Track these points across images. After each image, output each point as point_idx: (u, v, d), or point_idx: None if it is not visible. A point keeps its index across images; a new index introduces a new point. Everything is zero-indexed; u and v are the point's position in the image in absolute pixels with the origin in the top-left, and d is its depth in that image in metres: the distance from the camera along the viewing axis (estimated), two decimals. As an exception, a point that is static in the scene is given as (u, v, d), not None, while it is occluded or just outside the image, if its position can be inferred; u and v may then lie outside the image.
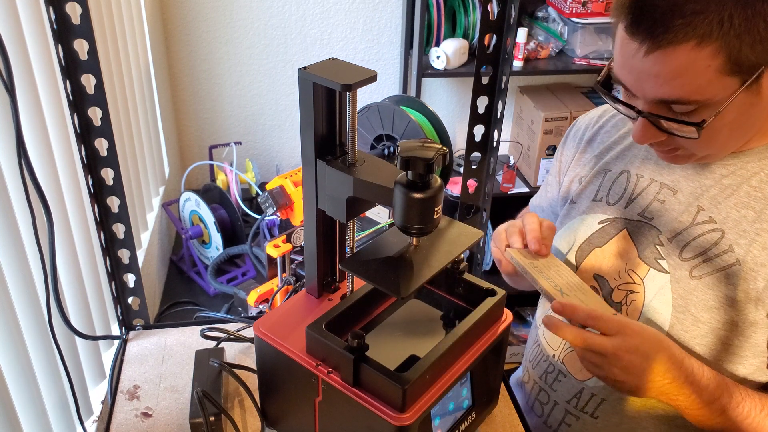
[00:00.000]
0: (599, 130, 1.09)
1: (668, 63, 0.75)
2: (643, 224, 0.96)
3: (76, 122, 0.92)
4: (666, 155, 0.90)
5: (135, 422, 0.95)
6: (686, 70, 0.75)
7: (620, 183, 1.02)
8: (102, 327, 1.23)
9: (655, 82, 0.77)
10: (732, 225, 0.87)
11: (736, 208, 0.87)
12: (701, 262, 0.89)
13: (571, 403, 1.03)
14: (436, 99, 2.59)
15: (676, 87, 0.76)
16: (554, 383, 1.06)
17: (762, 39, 0.72)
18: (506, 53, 0.97)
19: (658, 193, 0.96)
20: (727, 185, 0.89)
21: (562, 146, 1.16)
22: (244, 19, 2.29)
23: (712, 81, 0.75)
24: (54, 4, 0.84)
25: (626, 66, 0.80)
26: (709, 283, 0.88)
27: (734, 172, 0.89)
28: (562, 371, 1.04)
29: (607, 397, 0.98)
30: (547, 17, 2.42)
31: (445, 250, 0.73)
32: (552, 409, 1.06)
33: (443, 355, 0.74)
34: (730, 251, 0.87)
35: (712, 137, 0.81)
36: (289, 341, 0.80)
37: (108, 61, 1.40)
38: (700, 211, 0.91)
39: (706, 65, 0.74)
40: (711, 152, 0.87)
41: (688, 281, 0.89)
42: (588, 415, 1.01)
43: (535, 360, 1.12)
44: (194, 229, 2.03)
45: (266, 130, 2.52)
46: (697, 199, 0.91)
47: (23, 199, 0.82)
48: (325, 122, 0.76)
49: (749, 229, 0.86)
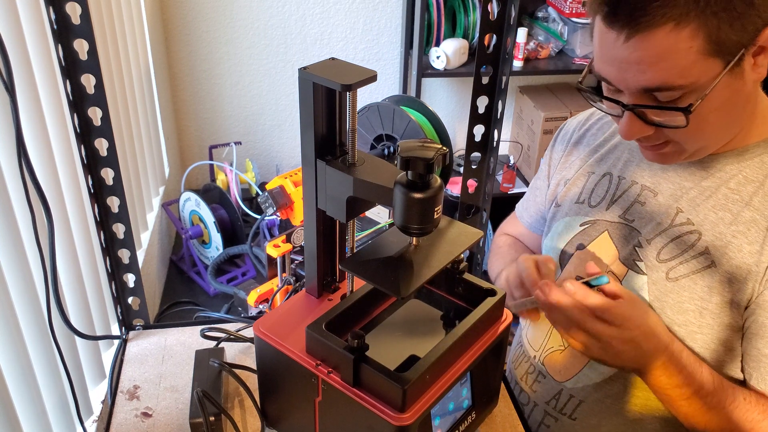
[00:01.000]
0: (585, 133, 1.08)
1: (649, 47, 0.74)
2: (624, 226, 0.96)
3: (76, 122, 0.92)
4: (655, 153, 0.88)
5: (135, 422, 0.95)
6: (667, 53, 0.74)
7: (602, 185, 1.01)
8: (102, 327, 1.24)
9: (638, 69, 0.76)
10: (709, 227, 0.87)
11: (713, 210, 0.87)
12: (678, 264, 0.88)
13: (550, 405, 1.03)
14: (436, 99, 2.59)
15: (659, 72, 0.75)
16: (534, 384, 1.06)
17: (740, 15, 0.72)
18: (506, 53, 0.97)
19: (639, 195, 0.96)
20: (706, 187, 0.88)
21: (551, 149, 1.15)
22: (244, 19, 2.29)
23: (694, 63, 0.74)
24: (54, 4, 0.84)
25: (607, 58, 0.79)
26: (685, 285, 0.87)
27: (713, 175, 0.88)
28: (542, 372, 1.05)
29: (585, 399, 0.99)
30: (547, 17, 2.42)
31: (445, 250, 0.73)
32: (532, 411, 1.06)
33: (443, 355, 0.74)
34: (706, 253, 0.86)
35: (700, 126, 0.80)
36: (289, 341, 0.79)
37: (108, 61, 1.40)
38: (678, 213, 0.90)
39: (687, 47, 0.73)
40: (699, 145, 0.85)
41: (665, 283, 0.89)
42: (566, 416, 1.01)
43: (517, 361, 1.12)
44: (194, 229, 2.03)
45: (266, 130, 2.52)
46: (676, 201, 0.91)
47: (23, 199, 0.82)
48: (325, 122, 0.75)
49: (726, 231, 0.85)
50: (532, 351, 1.08)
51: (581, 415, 1.00)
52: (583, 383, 0.99)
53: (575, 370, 0.99)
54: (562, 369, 1.02)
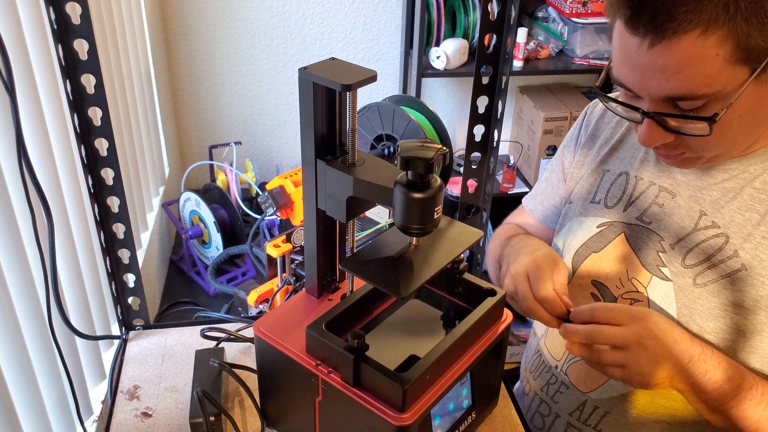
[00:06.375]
0: (600, 122, 1.06)
1: (674, 54, 0.71)
2: (641, 228, 0.94)
3: (76, 122, 0.92)
4: (672, 159, 0.85)
5: (135, 422, 0.95)
6: (693, 61, 0.71)
7: (619, 185, 0.99)
8: (102, 327, 1.23)
9: (661, 77, 0.73)
10: (736, 229, 0.84)
11: (739, 211, 0.85)
12: (705, 269, 0.86)
13: (573, 416, 1.00)
14: (436, 99, 2.59)
15: (683, 80, 0.72)
16: (556, 395, 1.03)
17: None
18: (506, 53, 0.97)
19: (656, 196, 0.94)
20: (730, 188, 0.86)
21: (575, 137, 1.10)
22: (244, 19, 2.29)
23: (721, 71, 0.71)
24: (54, 4, 0.84)
25: (628, 64, 0.76)
26: (714, 290, 0.85)
27: (737, 176, 0.86)
28: (564, 383, 1.02)
29: (611, 410, 0.96)
30: (547, 17, 2.42)
31: (445, 250, 0.73)
32: (553, 422, 1.04)
33: (443, 355, 0.74)
34: (735, 256, 0.84)
35: (723, 134, 0.77)
36: (289, 341, 0.79)
37: (108, 61, 1.40)
38: (702, 216, 0.88)
39: (714, 54, 0.70)
40: (719, 151, 0.82)
41: (692, 289, 0.87)
42: (591, 427, 0.98)
43: (537, 371, 1.08)
44: (194, 229, 2.03)
45: (266, 130, 2.52)
46: (697, 203, 0.89)
47: (23, 199, 0.82)
48: (325, 122, 0.75)
49: (754, 232, 0.83)
50: (553, 360, 1.04)
51: (607, 426, 0.97)
52: (609, 394, 0.96)
53: (601, 380, 0.97)
54: (587, 379, 0.98)
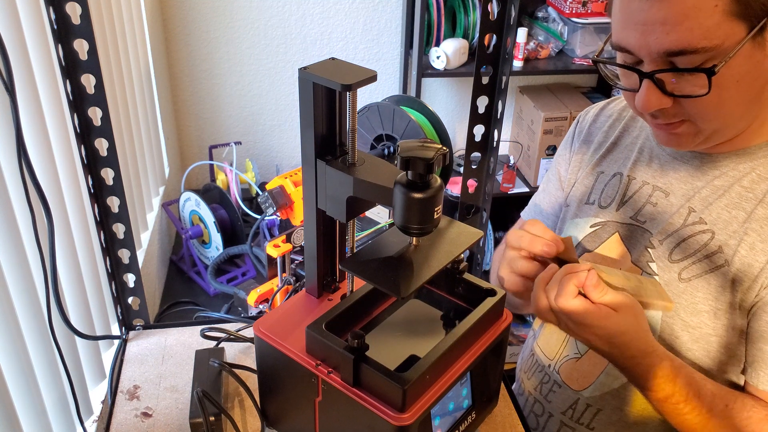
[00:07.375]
0: (592, 126, 1.07)
1: (674, 5, 0.73)
2: (636, 227, 0.95)
3: (76, 122, 0.92)
4: (668, 133, 0.85)
5: (135, 422, 0.95)
6: (693, 12, 0.72)
7: (613, 185, 1.00)
8: (102, 327, 1.23)
9: (662, 30, 0.74)
10: (722, 226, 0.86)
11: (726, 209, 0.86)
12: (690, 264, 0.88)
13: (566, 414, 1.01)
14: (436, 99, 2.59)
15: (683, 32, 0.73)
16: (549, 394, 1.04)
17: None
18: (506, 53, 0.97)
19: (650, 195, 0.95)
20: (719, 186, 0.88)
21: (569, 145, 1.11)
22: (244, 19, 2.29)
23: (719, 25, 0.72)
24: (54, 4, 0.84)
25: (629, 23, 0.77)
26: (698, 285, 0.87)
27: (726, 173, 0.88)
28: (557, 381, 1.03)
29: (603, 408, 0.97)
30: (547, 17, 2.42)
31: (445, 250, 0.73)
32: (547, 421, 1.05)
33: (443, 355, 0.74)
34: (719, 252, 0.85)
35: (721, 99, 0.77)
36: (289, 341, 0.79)
37: (108, 61, 1.40)
38: (691, 213, 0.89)
39: (713, 5, 0.72)
40: (718, 124, 0.82)
41: (677, 284, 0.88)
42: (584, 426, 1.00)
43: (530, 370, 1.10)
44: (194, 229, 2.03)
45: (266, 130, 2.52)
46: (688, 200, 0.90)
47: (23, 199, 0.82)
48: (325, 122, 0.75)
49: (739, 229, 0.85)
50: (546, 360, 1.05)
51: (599, 425, 0.98)
52: (601, 391, 0.97)
53: (592, 378, 0.98)
54: (579, 377, 1.00)
